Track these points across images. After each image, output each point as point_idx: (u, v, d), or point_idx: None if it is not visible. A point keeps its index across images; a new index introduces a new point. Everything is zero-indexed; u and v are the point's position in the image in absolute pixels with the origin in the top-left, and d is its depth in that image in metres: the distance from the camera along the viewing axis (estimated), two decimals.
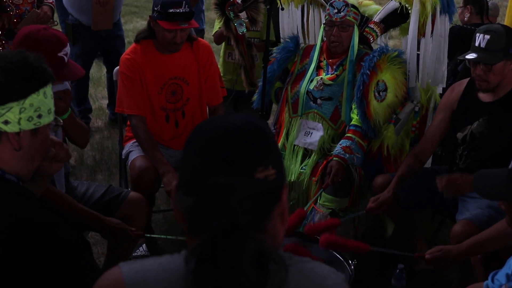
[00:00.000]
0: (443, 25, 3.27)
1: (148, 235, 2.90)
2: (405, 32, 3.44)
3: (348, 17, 3.23)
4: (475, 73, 2.84)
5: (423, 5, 3.17)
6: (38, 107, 1.55)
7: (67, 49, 2.55)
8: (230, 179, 1.03)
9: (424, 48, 3.33)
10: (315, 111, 3.37)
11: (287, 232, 2.63)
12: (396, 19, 3.36)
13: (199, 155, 1.06)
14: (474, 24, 4.47)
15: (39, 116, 1.56)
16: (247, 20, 3.74)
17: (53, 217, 1.53)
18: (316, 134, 3.34)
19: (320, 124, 3.35)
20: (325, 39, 3.39)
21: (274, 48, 3.58)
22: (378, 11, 3.40)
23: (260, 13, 3.79)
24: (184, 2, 3.03)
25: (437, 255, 2.47)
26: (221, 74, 3.99)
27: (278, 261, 1.02)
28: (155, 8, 3.05)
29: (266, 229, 1.08)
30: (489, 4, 4.68)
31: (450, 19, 3.33)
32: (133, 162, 3.16)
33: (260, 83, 3.49)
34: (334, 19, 3.23)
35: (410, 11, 3.26)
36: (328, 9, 3.25)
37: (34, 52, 2.26)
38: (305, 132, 3.38)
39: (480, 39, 2.80)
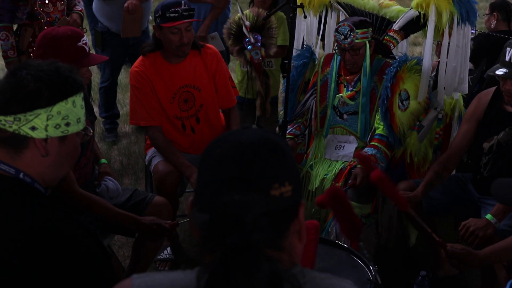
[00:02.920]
0: (461, 34, 3.25)
1: (182, 221, 2.91)
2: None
3: (356, 41, 3.21)
4: (504, 87, 2.81)
5: (440, 15, 3.16)
6: (66, 115, 1.58)
7: (85, 39, 2.62)
8: (244, 197, 1.02)
9: (441, 57, 3.33)
10: (342, 126, 3.40)
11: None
12: (415, 26, 3.36)
13: (213, 172, 1.06)
14: (501, 31, 4.44)
15: (67, 124, 1.58)
16: (262, 48, 3.76)
17: (78, 228, 1.55)
18: (349, 147, 3.36)
19: (353, 137, 3.37)
20: None
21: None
22: (399, 13, 3.38)
23: (273, 38, 3.81)
24: (182, 1, 3.07)
25: (457, 252, 2.46)
26: (237, 81, 4.03)
27: (293, 281, 1.00)
28: (156, 15, 3.10)
29: (282, 247, 1.07)
30: None
31: (472, 25, 3.31)
32: (156, 167, 3.22)
33: (283, 93, 3.51)
34: (342, 45, 3.24)
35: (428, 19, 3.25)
36: (335, 35, 3.25)
37: (55, 48, 2.32)
38: (336, 147, 3.40)
39: (511, 54, 2.76)
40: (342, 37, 3.21)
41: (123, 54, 4.94)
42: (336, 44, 3.34)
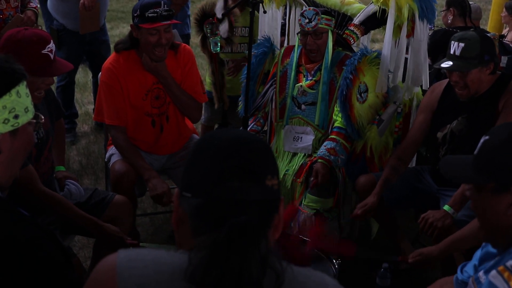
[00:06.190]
0: (422, 29, 3.31)
1: (144, 244, 2.90)
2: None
3: (320, 25, 3.24)
4: (452, 79, 2.89)
5: (399, 9, 3.20)
6: (13, 107, 1.52)
7: (51, 45, 2.52)
8: (244, 184, 1.12)
9: (399, 51, 3.38)
10: (299, 116, 3.41)
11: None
12: (376, 21, 3.40)
13: (214, 161, 1.14)
14: (458, 27, 4.53)
15: (16, 117, 1.53)
16: (223, 40, 3.70)
17: (34, 231, 1.51)
18: (307, 138, 3.37)
19: (309, 128, 3.38)
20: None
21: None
22: (360, 10, 3.42)
23: (236, 36, 3.76)
24: (162, 2, 3.02)
25: (419, 259, 2.54)
26: (207, 78, 3.99)
27: (276, 268, 1.08)
28: (135, 14, 3.03)
29: (267, 236, 1.14)
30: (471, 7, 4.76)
31: (430, 23, 3.37)
32: (113, 166, 3.18)
33: (244, 82, 3.50)
34: (306, 29, 3.26)
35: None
36: (300, 20, 3.27)
37: (17, 53, 2.26)
38: (294, 138, 3.40)
39: (455, 47, 2.83)
40: (307, 20, 3.23)
41: (80, 52, 4.86)
42: (299, 29, 3.33)
